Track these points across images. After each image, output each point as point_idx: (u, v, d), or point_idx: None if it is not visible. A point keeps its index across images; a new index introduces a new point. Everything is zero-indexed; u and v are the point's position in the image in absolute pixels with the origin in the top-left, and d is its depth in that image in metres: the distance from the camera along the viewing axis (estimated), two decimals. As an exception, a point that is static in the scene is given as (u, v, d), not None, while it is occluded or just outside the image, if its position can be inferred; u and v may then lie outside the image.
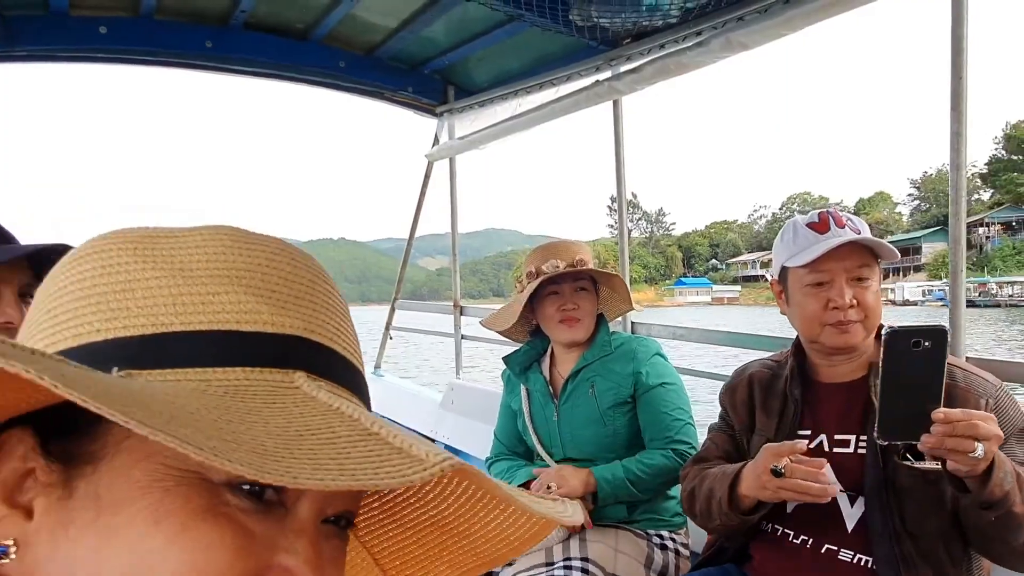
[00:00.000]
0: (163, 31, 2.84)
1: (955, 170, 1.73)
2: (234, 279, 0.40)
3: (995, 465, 1.15)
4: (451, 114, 3.38)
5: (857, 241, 1.41)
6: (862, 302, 1.42)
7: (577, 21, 2.25)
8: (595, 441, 1.97)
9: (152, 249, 0.40)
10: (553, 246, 2.07)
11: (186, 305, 0.38)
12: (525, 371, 2.15)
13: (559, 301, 2.00)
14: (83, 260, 0.40)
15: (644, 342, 2.04)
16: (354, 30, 3.03)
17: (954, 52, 1.67)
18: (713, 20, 2.14)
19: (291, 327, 0.40)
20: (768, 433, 1.54)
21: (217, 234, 0.42)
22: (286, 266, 0.42)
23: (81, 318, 0.38)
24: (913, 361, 1.17)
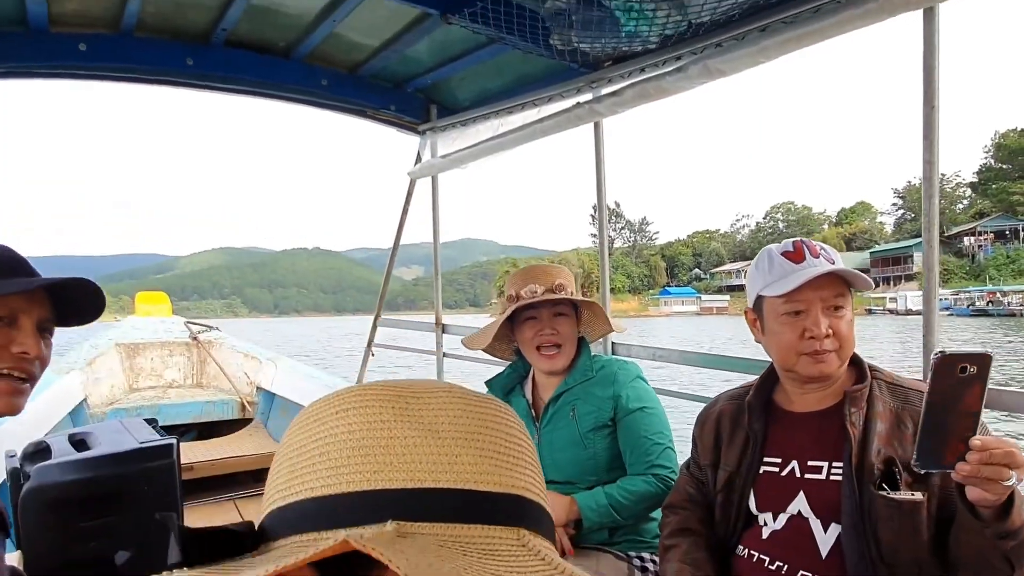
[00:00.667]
0: (143, 48, 2.83)
1: (928, 199, 1.76)
2: (468, 440, 0.45)
3: (1015, 494, 1.15)
4: (434, 132, 3.39)
5: (834, 272, 1.43)
6: (837, 332, 1.44)
7: (558, 45, 2.26)
8: (575, 464, 1.98)
9: (406, 408, 0.45)
10: (533, 270, 2.08)
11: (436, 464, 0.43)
12: (507, 394, 2.17)
13: (537, 326, 2.01)
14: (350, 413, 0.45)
15: (625, 366, 2.05)
16: (337, 48, 3.03)
17: (926, 82, 1.70)
18: (692, 46, 2.16)
19: (513, 486, 0.45)
20: (730, 467, 1.57)
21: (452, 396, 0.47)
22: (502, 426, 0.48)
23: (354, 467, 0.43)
24: (957, 387, 1.14)
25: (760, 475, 1.53)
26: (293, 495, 0.44)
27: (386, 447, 0.43)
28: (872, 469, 1.36)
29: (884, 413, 1.41)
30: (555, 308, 2.02)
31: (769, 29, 1.95)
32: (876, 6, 1.66)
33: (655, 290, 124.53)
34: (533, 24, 2.22)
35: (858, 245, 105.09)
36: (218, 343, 5.77)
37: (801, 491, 1.46)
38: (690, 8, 1.90)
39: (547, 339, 2.00)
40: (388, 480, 0.42)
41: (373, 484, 0.42)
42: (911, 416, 1.39)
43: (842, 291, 1.46)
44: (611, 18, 2.02)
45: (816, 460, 1.47)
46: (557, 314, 2.02)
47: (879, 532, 1.33)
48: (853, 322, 1.47)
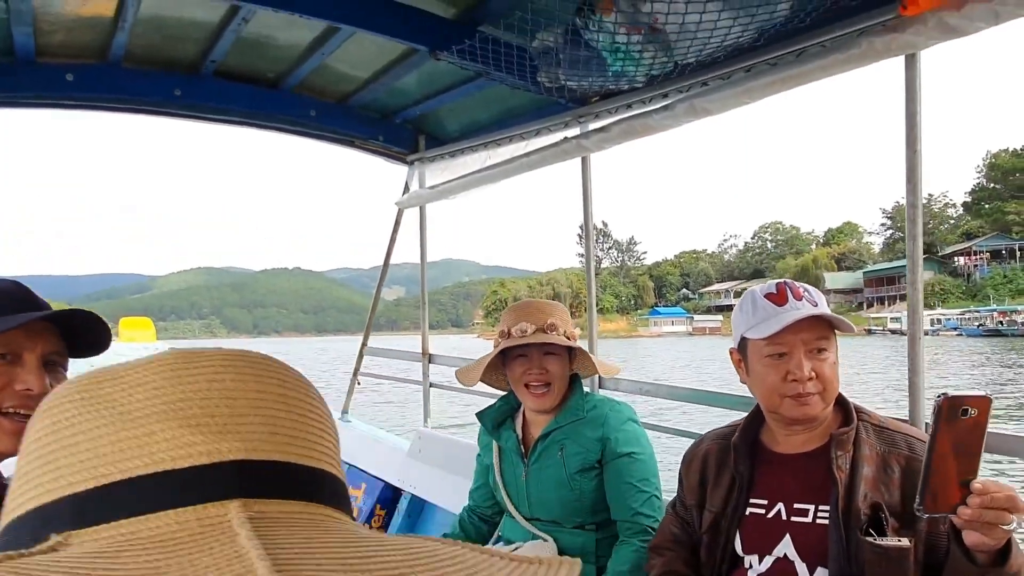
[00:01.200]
0: (131, 79, 2.83)
1: (911, 240, 1.77)
2: (171, 413, 0.38)
3: (1012, 539, 1.15)
4: (422, 163, 3.39)
5: (816, 315, 1.44)
6: (820, 374, 1.44)
7: (545, 82, 2.28)
8: (561, 504, 1.97)
9: (97, 395, 0.39)
10: (527, 307, 2.05)
11: (124, 451, 0.37)
12: (498, 427, 2.15)
13: (526, 365, 1.99)
14: (36, 420, 0.40)
15: (617, 407, 2.03)
16: (326, 80, 3.04)
17: (908, 127, 1.72)
18: (678, 84, 2.19)
19: (229, 451, 0.38)
20: (716, 508, 1.57)
21: (157, 366, 0.40)
22: (229, 383, 0.40)
23: (36, 479, 0.38)
24: (959, 429, 1.12)
25: (746, 516, 1.52)
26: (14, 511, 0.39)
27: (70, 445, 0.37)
28: (859, 514, 1.36)
29: (871, 456, 1.41)
30: (545, 347, 1.99)
31: (754, 70, 1.98)
32: (859, 52, 1.68)
33: (643, 310, 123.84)
34: (521, 61, 2.24)
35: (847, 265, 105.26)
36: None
37: (787, 534, 1.46)
38: (676, 50, 1.92)
39: (535, 378, 1.98)
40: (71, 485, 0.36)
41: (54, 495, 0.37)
42: (897, 460, 1.39)
43: (825, 334, 1.46)
44: (598, 58, 2.03)
45: (802, 503, 1.46)
46: (547, 353, 1.99)
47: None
48: (837, 364, 1.48)
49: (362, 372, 4.03)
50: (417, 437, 3.45)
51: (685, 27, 1.79)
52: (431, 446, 3.35)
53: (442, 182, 3.23)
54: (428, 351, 3.59)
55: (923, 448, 1.35)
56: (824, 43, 1.80)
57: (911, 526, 1.33)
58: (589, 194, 2.69)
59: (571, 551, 1.97)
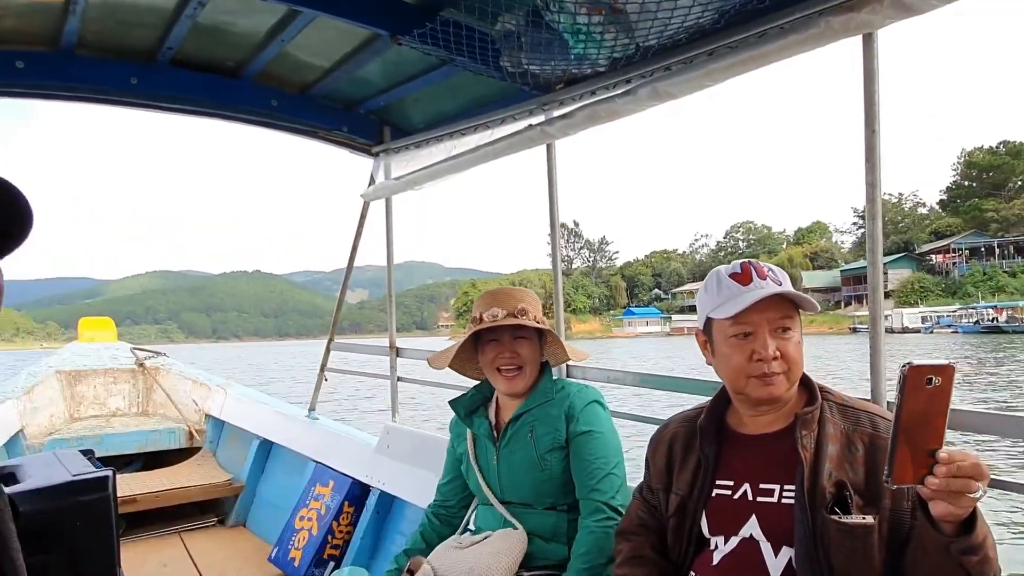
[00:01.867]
0: (85, 67, 2.75)
1: (871, 220, 1.78)
2: None
3: (977, 508, 1.15)
4: (387, 154, 3.36)
5: (780, 293, 1.44)
6: (785, 353, 1.44)
7: (508, 67, 2.26)
8: (532, 485, 1.99)
9: None
10: (498, 293, 2.11)
11: None
12: (471, 415, 2.18)
13: (498, 348, 2.04)
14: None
15: (584, 390, 2.08)
16: (287, 68, 2.99)
17: (867, 106, 1.74)
18: (641, 69, 2.18)
19: None
20: (682, 491, 1.56)
21: None
22: None
23: None
24: (924, 399, 1.12)
25: (712, 498, 1.52)
26: None
27: None
28: (824, 493, 1.35)
29: (835, 435, 1.41)
30: (517, 332, 2.05)
31: (716, 53, 1.98)
32: (817, 32, 1.69)
33: (616, 311, 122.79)
34: (483, 46, 2.22)
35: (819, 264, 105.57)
36: (165, 369, 5.60)
37: (753, 514, 1.45)
38: (637, 32, 1.91)
39: (507, 361, 2.03)
40: None
41: None
42: (861, 438, 1.39)
43: (789, 313, 1.46)
44: (560, 40, 2.02)
45: (768, 483, 1.46)
46: (518, 337, 2.05)
47: (831, 557, 1.32)
48: (801, 344, 1.47)
49: (329, 368, 3.98)
50: (385, 432, 3.41)
51: (646, 7, 1.78)
52: (399, 441, 3.32)
53: (408, 172, 3.19)
54: (395, 344, 3.54)
55: (887, 426, 1.35)
56: (783, 25, 1.81)
57: (875, 504, 1.33)
58: (554, 182, 2.68)
59: (543, 532, 1.99)
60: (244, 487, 4.37)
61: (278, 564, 3.52)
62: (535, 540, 1.99)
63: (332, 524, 3.38)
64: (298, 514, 3.59)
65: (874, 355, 1.77)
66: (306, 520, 3.52)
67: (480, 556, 1.94)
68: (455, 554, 2.02)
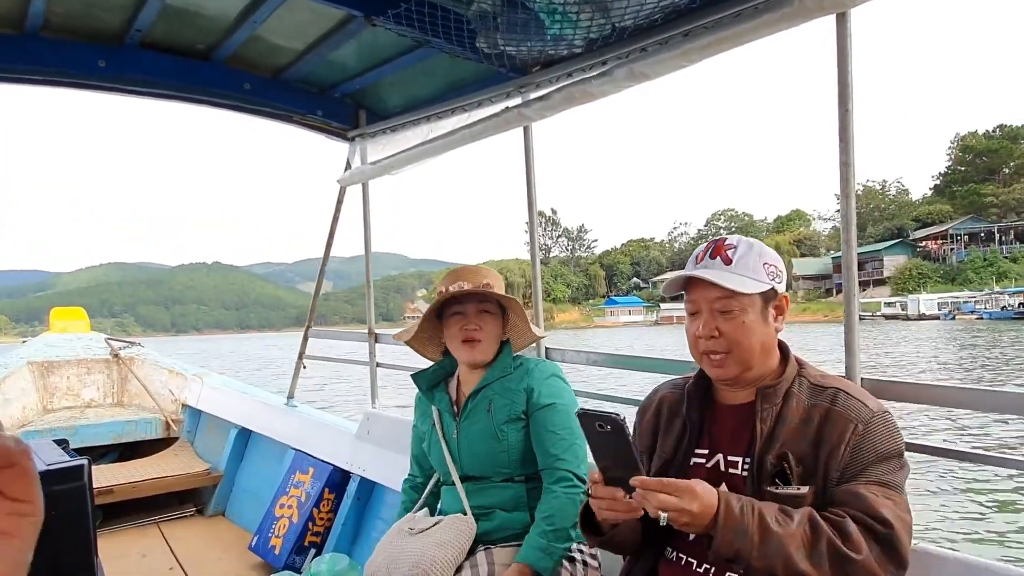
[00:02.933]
0: (51, 49, 2.68)
1: (845, 198, 1.80)
2: None
3: (717, 527, 1.26)
4: (363, 138, 3.32)
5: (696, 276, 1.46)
6: (725, 333, 1.46)
7: (484, 48, 2.24)
8: (490, 457, 2.04)
9: None
10: (463, 270, 2.17)
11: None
12: (432, 389, 2.23)
13: (462, 321, 2.10)
14: None
15: (542, 364, 2.15)
16: (259, 51, 2.94)
17: (840, 85, 1.75)
18: (617, 51, 2.18)
19: None
20: (666, 455, 1.57)
21: None
22: None
23: None
24: (605, 437, 1.29)
25: (691, 467, 1.53)
26: None
27: None
28: (768, 465, 1.39)
29: (797, 409, 1.42)
30: (481, 305, 2.11)
31: (691, 34, 1.98)
32: (791, 10, 1.70)
33: (596, 300, 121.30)
34: (459, 27, 2.19)
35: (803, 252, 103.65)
36: (140, 359, 5.53)
37: (724, 484, 1.47)
38: (613, 12, 1.91)
39: (470, 333, 2.08)
40: None
41: None
42: (819, 411, 1.40)
43: (728, 295, 1.46)
44: (536, 21, 2.01)
45: (734, 455, 1.48)
46: (482, 311, 2.11)
47: None
48: (750, 324, 1.46)
49: (307, 356, 3.95)
50: (365, 419, 3.39)
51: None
52: (379, 427, 3.31)
53: (384, 157, 3.16)
54: (373, 330, 3.53)
55: (843, 399, 1.39)
56: (758, 4, 1.81)
57: (814, 476, 1.36)
58: (531, 165, 2.67)
59: (504, 504, 2.03)
60: (223, 476, 4.34)
61: (258, 552, 3.51)
62: (497, 513, 2.02)
63: (312, 511, 3.37)
64: (278, 502, 3.57)
65: (848, 333, 1.79)
66: (286, 508, 3.50)
67: (426, 548, 1.97)
68: (403, 543, 2.05)
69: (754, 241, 1.53)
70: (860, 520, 1.27)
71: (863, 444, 1.33)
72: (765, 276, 1.47)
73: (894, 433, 1.37)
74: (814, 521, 1.27)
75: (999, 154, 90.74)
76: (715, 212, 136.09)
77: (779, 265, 1.52)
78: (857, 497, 1.29)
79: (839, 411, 1.38)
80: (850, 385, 1.47)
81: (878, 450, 1.34)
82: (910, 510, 1.33)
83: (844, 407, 1.38)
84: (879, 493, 1.29)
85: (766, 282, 1.47)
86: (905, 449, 1.40)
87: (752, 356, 1.47)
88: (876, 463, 1.33)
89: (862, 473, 1.32)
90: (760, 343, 1.46)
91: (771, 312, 1.49)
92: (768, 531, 1.25)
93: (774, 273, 1.49)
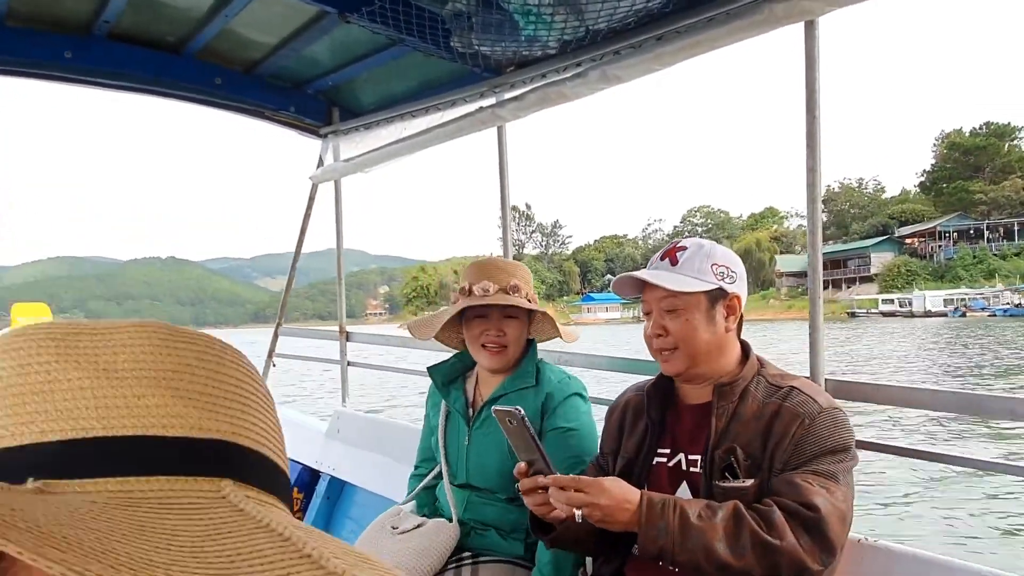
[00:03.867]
0: (15, 39, 2.62)
1: (811, 203, 1.84)
2: (160, 381, 0.38)
3: (640, 525, 1.32)
4: (336, 135, 3.30)
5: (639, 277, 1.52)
6: (672, 331, 1.51)
7: (459, 48, 2.24)
8: (499, 473, 1.90)
9: (75, 347, 0.38)
10: (489, 265, 1.97)
11: (109, 408, 0.36)
12: (448, 385, 2.07)
13: (484, 325, 1.93)
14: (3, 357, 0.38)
15: (565, 381, 1.97)
16: (232, 45, 2.91)
17: (808, 92, 1.79)
18: (591, 53, 2.19)
19: (218, 431, 0.39)
20: (629, 455, 1.60)
21: (143, 332, 0.40)
22: (214, 365, 0.41)
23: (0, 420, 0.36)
24: (516, 432, 1.37)
25: (653, 466, 1.56)
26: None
27: (42, 392, 0.36)
28: (718, 459, 1.43)
29: (752, 407, 1.46)
30: (506, 309, 1.92)
31: (664, 38, 2.00)
32: (761, 18, 1.72)
33: (570, 296, 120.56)
34: (433, 25, 2.19)
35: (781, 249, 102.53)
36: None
37: (684, 481, 1.51)
38: (587, 15, 1.92)
39: (493, 339, 1.92)
40: (42, 432, 0.35)
41: (22, 438, 0.35)
42: (772, 408, 1.44)
43: (672, 295, 1.50)
44: (510, 22, 2.01)
45: (694, 453, 1.52)
46: (507, 316, 1.93)
47: None
48: (696, 322, 1.49)
49: (277, 354, 3.91)
50: (336, 417, 3.38)
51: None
52: (350, 426, 3.29)
53: (357, 155, 3.14)
54: (345, 328, 3.51)
55: (798, 396, 1.43)
56: (729, 10, 1.84)
57: (761, 467, 1.40)
58: (505, 165, 2.68)
59: (502, 526, 1.92)
60: None
61: (225, 552, 3.46)
62: (492, 534, 1.91)
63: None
64: (246, 501, 3.53)
65: (813, 332, 1.82)
66: (254, 507, 3.46)
67: (403, 555, 1.87)
68: (382, 544, 1.95)
69: (706, 243, 1.57)
70: (787, 507, 1.30)
71: (807, 437, 1.37)
72: (712, 276, 1.50)
73: (840, 429, 1.40)
74: (738, 513, 1.30)
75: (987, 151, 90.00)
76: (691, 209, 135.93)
77: (731, 266, 1.54)
78: (790, 485, 1.33)
79: (788, 407, 1.42)
80: (805, 383, 1.51)
81: (822, 444, 1.37)
82: (849, 501, 1.36)
83: (794, 403, 1.42)
84: (814, 482, 1.33)
85: (712, 282, 1.50)
86: (857, 447, 1.44)
87: (699, 353, 1.50)
88: (818, 456, 1.37)
89: (803, 465, 1.36)
90: (707, 341, 1.50)
91: (720, 311, 1.51)
92: (688, 526, 1.29)
93: (724, 273, 1.52)
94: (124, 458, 0.36)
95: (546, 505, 1.41)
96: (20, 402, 0.36)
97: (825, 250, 59.62)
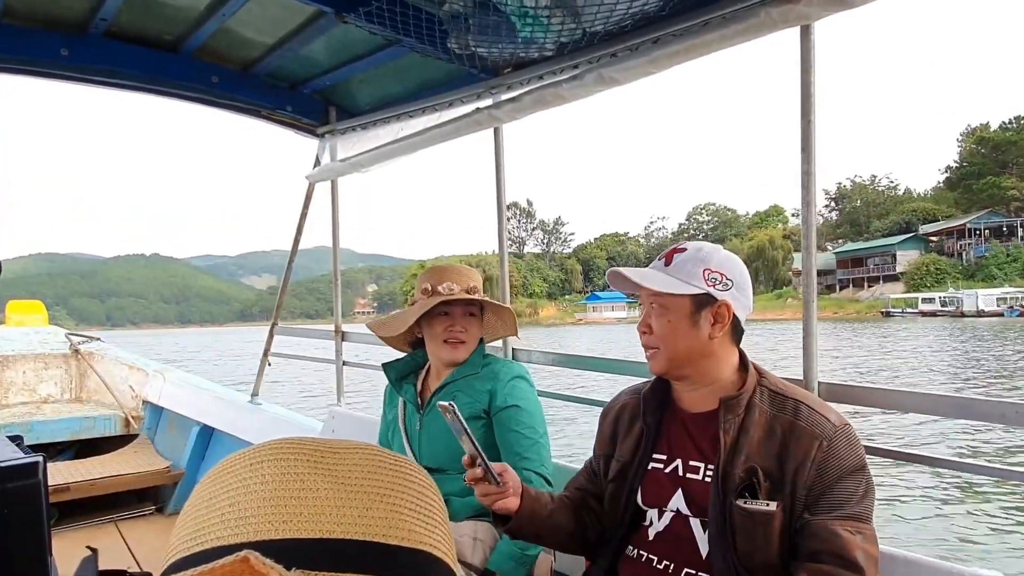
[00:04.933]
0: (11, 36, 2.62)
1: (806, 207, 1.84)
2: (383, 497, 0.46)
3: None
4: (333, 135, 3.30)
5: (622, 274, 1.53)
6: (654, 330, 1.53)
7: (455, 49, 2.24)
8: (448, 452, 2.06)
9: (322, 462, 0.46)
10: (448, 269, 2.20)
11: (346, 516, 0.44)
12: (401, 380, 2.27)
13: (448, 322, 2.13)
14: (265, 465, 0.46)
15: (508, 365, 2.17)
16: (229, 44, 2.90)
17: (803, 96, 1.78)
18: (587, 55, 2.20)
19: (422, 542, 0.46)
20: (624, 458, 1.60)
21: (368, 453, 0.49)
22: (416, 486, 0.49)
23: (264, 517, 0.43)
24: (453, 424, 1.40)
25: (648, 471, 1.56)
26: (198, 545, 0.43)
27: (298, 498, 0.44)
28: (736, 478, 1.40)
29: (760, 421, 1.44)
30: (468, 308, 2.16)
31: (660, 41, 2.00)
32: (758, 22, 1.73)
33: (573, 295, 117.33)
34: (430, 26, 2.19)
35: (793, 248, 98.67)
36: (100, 354, 5.41)
37: (680, 488, 1.50)
38: (584, 17, 1.92)
39: (456, 335, 2.12)
40: (297, 530, 0.42)
41: (281, 533, 0.42)
42: (782, 425, 1.42)
43: (657, 294, 1.51)
44: (507, 23, 2.01)
45: (695, 461, 1.50)
46: (470, 314, 2.16)
47: (736, 538, 1.38)
48: (675, 323, 1.49)
49: (273, 353, 3.91)
50: (330, 417, 3.37)
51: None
52: (344, 425, 3.29)
53: (354, 154, 3.14)
54: (340, 328, 3.50)
55: (808, 414, 1.41)
56: (725, 14, 1.84)
57: (782, 490, 1.37)
58: (501, 166, 2.68)
59: (458, 492, 2.03)
60: (184, 474, 4.27)
61: (219, 552, 3.46)
62: (452, 500, 2.04)
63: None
64: (240, 501, 3.52)
65: (807, 337, 1.82)
66: (248, 507, 3.45)
67: None
68: None
69: (707, 247, 1.55)
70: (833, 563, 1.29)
71: (828, 461, 1.35)
72: (702, 281, 1.48)
73: (856, 446, 1.40)
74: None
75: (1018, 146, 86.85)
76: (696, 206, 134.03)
77: (727, 274, 1.51)
78: (833, 536, 1.31)
79: (803, 426, 1.39)
80: (809, 397, 1.49)
81: (843, 466, 1.36)
82: (877, 539, 1.35)
83: (808, 422, 1.40)
84: (852, 529, 1.31)
85: (699, 287, 1.48)
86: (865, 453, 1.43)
87: (678, 356, 1.50)
88: (841, 479, 1.35)
89: (830, 492, 1.34)
90: (687, 345, 1.49)
91: (706, 317, 1.49)
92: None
93: (717, 280, 1.49)
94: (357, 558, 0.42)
95: (489, 496, 1.47)
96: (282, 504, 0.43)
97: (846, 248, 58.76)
